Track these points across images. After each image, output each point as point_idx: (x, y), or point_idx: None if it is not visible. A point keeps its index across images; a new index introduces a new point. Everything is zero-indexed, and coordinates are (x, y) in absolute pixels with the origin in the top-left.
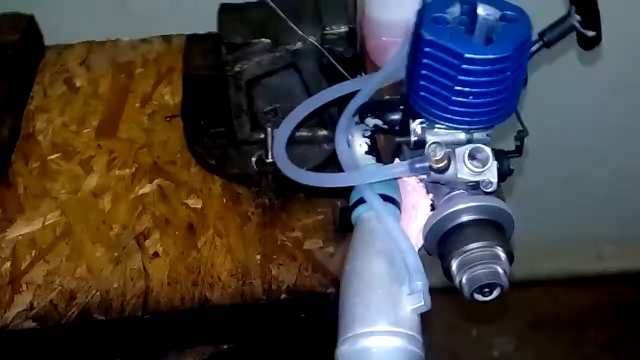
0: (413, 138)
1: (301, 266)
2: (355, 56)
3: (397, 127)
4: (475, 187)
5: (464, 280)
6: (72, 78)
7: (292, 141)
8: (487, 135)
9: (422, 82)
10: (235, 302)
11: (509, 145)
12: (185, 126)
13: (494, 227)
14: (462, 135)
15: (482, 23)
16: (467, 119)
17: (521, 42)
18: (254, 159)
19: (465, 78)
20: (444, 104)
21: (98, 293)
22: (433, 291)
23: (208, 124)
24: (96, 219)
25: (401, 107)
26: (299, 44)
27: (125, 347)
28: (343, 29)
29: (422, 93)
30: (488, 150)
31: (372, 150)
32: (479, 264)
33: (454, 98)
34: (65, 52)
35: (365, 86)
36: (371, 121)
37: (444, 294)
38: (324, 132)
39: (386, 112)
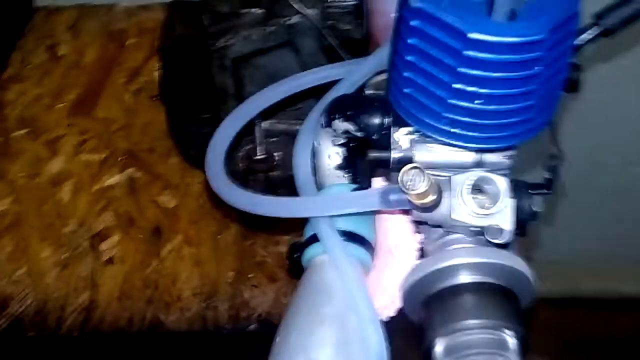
0: (395, 154)
1: (280, 290)
2: (365, 37)
3: (375, 136)
4: (481, 233)
5: None
6: (56, 45)
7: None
8: (506, 158)
9: (406, 74)
10: (193, 328)
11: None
12: (166, 109)
13: (504, 297)
14: (467, 156)
15: None
16: (473, 133)
17: (562, 21)
18: (240, 155)
19: (470, 71)
20: (438, 108)
21: (34, 303)
22: None
23: (192, 108)
24: (50, 212)
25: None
26: (296, 18)
27: None
28: (350, 1)
29: (407, 90)
30: (500, 181)
31: (347, 165)
32: (476, 354)
33: (452, 101)
34: (54, 15)
35: (350, 75)
36: (340, 125)
37: None
38: None
39: (362, 113)
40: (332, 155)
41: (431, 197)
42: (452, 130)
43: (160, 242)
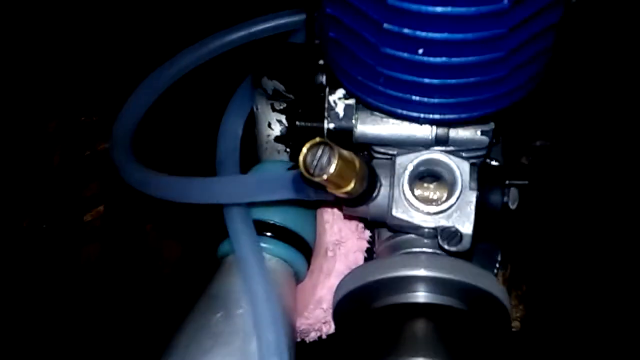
0: (329, 123)
1: None
2: None
3: (306, 100)
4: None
5: None
6: None
7: None
8: (482, 134)
9: (329, 10)
10: None
11: None
12: None
13: (463, 326)
14: (425, 130)
15: None
16: (416, 97)
17: None
18: None
19: (403, 3)
20: (370, 59)
21: None
22: None
23: None
24: None
25: (320, 61)
26: None
27: None
28: None
29: (332, 34)
30: (457, 165)
31: (289, 138)
32: None
33: (385, 49)
34: None
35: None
36: (269, 83)
37: None
38: None
39: (294, 66)
40: (272, 122)
41: (351, 185)
42: (391, 92)
43: None
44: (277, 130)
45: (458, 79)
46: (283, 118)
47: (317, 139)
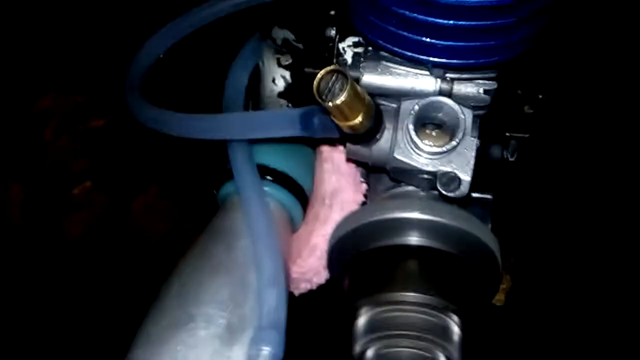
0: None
1: None
2: None
3: (316, 48)
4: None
5: (369, 355)
6: None
7: None
8: (483, 90)
9: None
10: None
11: None
12: None
13: (456, 270)
14: (428, 82)
15: None
16: (427, 38)
17: None
18: None
19: None
20: (386, 3)
21: None
22: None
23: None
24: None
25: (331, 11)
26: None
27: None
28: None
29: None
30: (460, 111)
31: (292, 92)
32: (406, 337)
33: None
34: None
35: None
36: (279, 33)
37: None
38: None
39: (306, 15)
40: (277, 78)
41: (359, 119)
42: (403, 33)
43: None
44: (280, 85)
45: (469, 21)
46: (287, 74)
47: (333, 67)
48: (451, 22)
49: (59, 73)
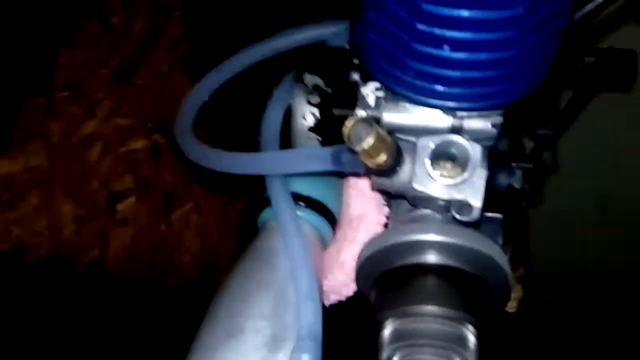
0: (361, 112)
1: None
2: None
3: (342, 92)
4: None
5: None
6: (109, 14)
7: None
8: (491, 125)
9: (370, 14)
10: (189, 292)
11: None
12: (192, 78)
13: (471, 286)
14: (442, 120)
15: None
16: (441, 87)
17: None
18: None
19: (435, 8)
20: (403, 56)
21: (49, 255)
22: None
23: None
24: (77, 171)
25: (355, 60)
26: None
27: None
28: None
29: (372, 35)
30: (471, 147)
31: (321, 127)
32: (427, 346)
33: (417, 46)
34: None
35: (343, 30)
36: (310, 79)
37: None
38: None
39: (333, 64)
40: (306, 114)
41: (383, 157)
42: (419, 83)
43: (171, 207)
44: (310, 121)
45: (476, 72)
46: (316, 111)
47: (357, 117)
48: (459, 73)
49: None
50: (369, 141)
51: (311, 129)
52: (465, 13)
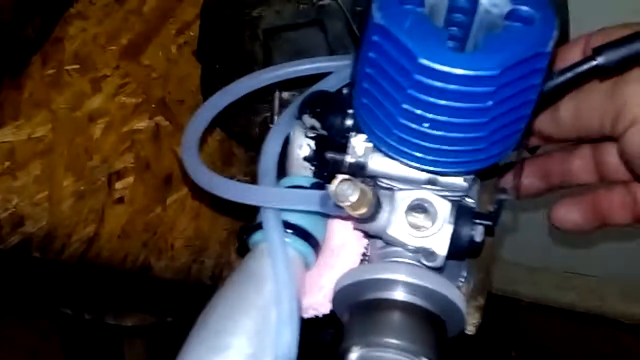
0: (350, 159)
1: None
2: None
3: (336, 137)
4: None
5: None
6: None
7: None
8: (462, 180)
9: (365, 85)
10: (177, 277)
11: None
12: (202, 68)
13: (430, 324)
14: (420, 173)
15: (482, 17)
16: (420, 154)
17: (522, 60)
18: (258, 120)
19: (418, 94)
20: (389, 124)
21: (46, 226)
22: None
23: (223, 69)
24: (80, 145)
25: (349, 110)
26: (327, 0)
27: (58, 294)
28: None
29: (365, 100)
30: (441, 205)
31: (315, 158)
32: None
33: (401, 119)
34: None
35: (342, 68)
36: (308, 120)
37: None
38: None
39: (329, 112)
40: (302, 145)
41: (364, 210)
42: (401, 147)
43: (169, 190)
44: (305, 151)
45: (451, 146)
46: (312, 143)
47: (345, 176)
48: (435, 145)
49: None
50: (352, 199)
51: (305, 158)
52: (442, 102)
